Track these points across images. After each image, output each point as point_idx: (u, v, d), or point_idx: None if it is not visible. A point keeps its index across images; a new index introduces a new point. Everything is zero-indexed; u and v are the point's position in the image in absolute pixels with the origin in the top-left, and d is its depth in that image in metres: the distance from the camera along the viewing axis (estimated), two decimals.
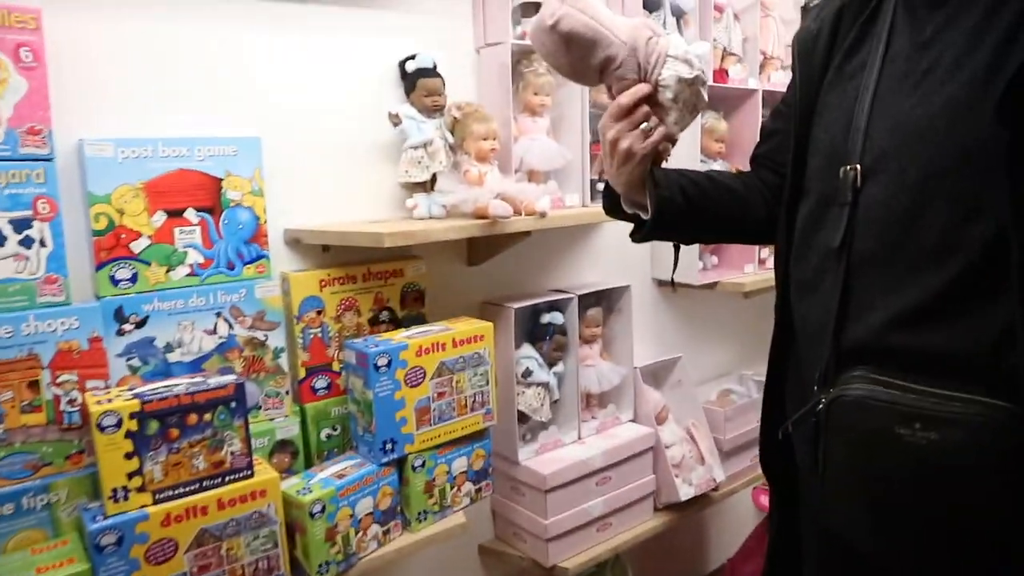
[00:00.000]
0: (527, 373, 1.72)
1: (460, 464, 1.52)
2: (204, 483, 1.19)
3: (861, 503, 0.97)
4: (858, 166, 0.96)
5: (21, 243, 1.16)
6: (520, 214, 1.49)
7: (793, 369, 1.14)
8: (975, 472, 0.87)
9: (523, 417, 1.75)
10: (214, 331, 1.34)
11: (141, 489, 1.14)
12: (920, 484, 0.90)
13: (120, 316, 1.26)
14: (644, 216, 1.15)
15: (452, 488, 1.51)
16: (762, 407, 1.22)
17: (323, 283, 1.47)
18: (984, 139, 0.85)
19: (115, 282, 1.26)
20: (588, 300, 1.85)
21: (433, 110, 1.55)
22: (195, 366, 1.33)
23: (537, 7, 1.70)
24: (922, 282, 0.91)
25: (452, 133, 1.56)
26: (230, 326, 1.36)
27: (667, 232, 1.22)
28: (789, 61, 2.26)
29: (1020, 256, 0.84)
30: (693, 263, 2.04)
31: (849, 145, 0.98)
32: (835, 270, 0.98)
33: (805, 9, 1.18)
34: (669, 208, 1.12)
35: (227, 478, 1.22)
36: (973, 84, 0.88)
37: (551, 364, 1.79)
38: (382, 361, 1.36)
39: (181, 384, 1.19)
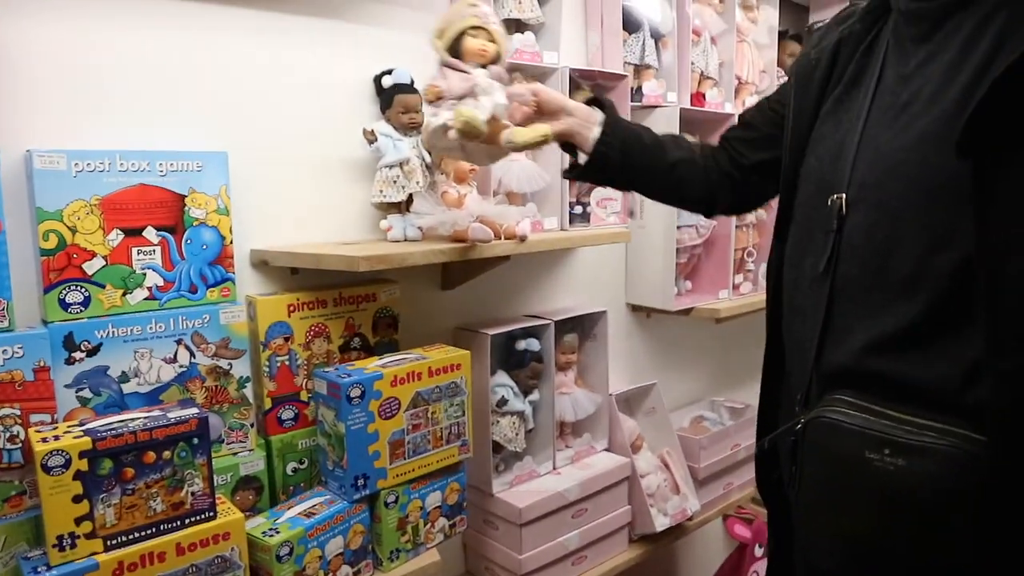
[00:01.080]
0: (502, 402, 1.66)
1: (434, 499, 1.44)
2: (162, 526, 1.09)
3: (829, 526, 0.98)
4: (844, 195, 0.99)
5: None
6: (500, 238, 1.43)
7: (785, 389, 1.16)
8: (939, 502, 0.87)
9: (497, 447, 1.68)
10: (174, 359, 1.25)
11: (91, 535, 1.03)
12: (885, 511, 0.91)
13: (70, 343, 1.15)
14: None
15: (426, 524, 1.43)
16: (757, 426, 1.24)
17: (291, 308, 1.38)
18: (952, 173, 0.87)
19: (65, 306, 1.16)
20: (564, 326, 1.80)
21: (410, 127, 1.48)
22: (152, 397, 1.23)
23: (518, 24, 1.66)
24: (896, 310, 0.93)
25: (430, 152, 1.49)
26: (192, 354, 1.26)
27: (598, 179, 1.33)
28: (763, 86, 2.28)
29: (984, 289, 0.85)
30: (669, 288, 2.00)
31: (837, 175, 1.01)
32: (819, 294, 1.01)
33: (809, 31, 1.18)
34: (602, 161, 1.23)
35: (187, 520, 1.12)
36: (943, 119, 0.90)
37: (526, 392, 1.73)
38: (355, 392, 1.28)
39: (138, 419, 1.09)
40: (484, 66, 1.22)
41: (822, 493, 0.98)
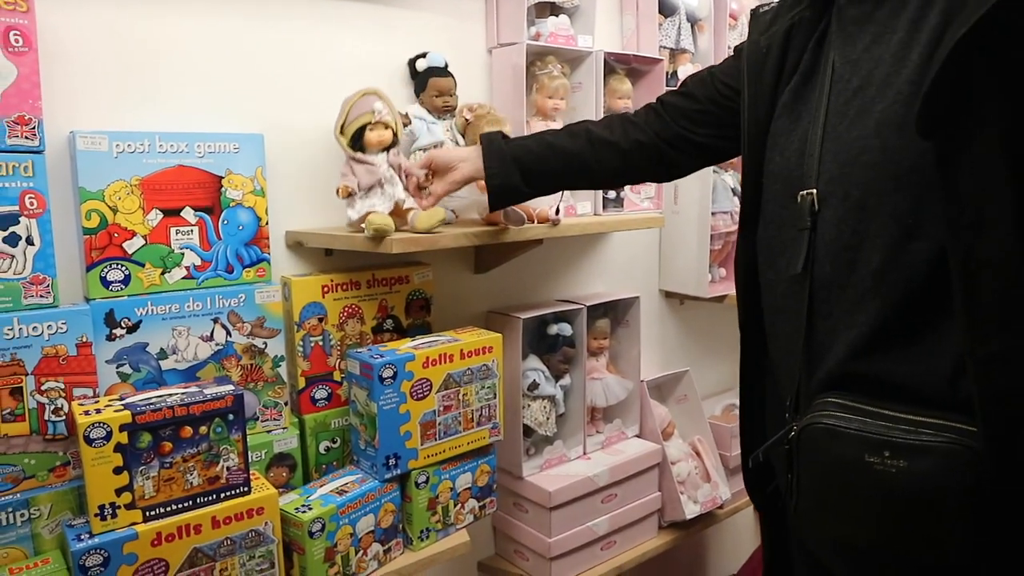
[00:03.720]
0: (533, 386, 1.66)
1: (464, 480, 1.45)
2: (198, 500, 1.12)
3: (833, 531, 0.96)
4: (814, 191, 0.95)
5: (6, 240, 1.08)
6: (533, 221, 1.43)
7: (771, 391, 1.13)
8: (944, 500, 0.85)
9: (527, 431, 1.69)
10: (211, 337, 1.27)
11: (130, 506, 1.06)
12: (889, 514, 0.89)
13: (111, 320, 1.18)
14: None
15: (455, 505, 1.45)
16: (740, 432, 1.21)
17: (325, 289, 1.40)
18: (915, 156, 0.85)
19: (106, 284, 1.19)
20: (596, 311, 1.79)
21: (444, 111, 1.48)
22: (189, 374, 1.26)
23: (552, 7, 1.65)
24: (872, 307, 0.91)
25: (463, 136, 1.50)
26: (228, 332, 1.28)
27: (515, 201, 1.34)
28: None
29: (959, 274, 0.82)
30: (702, 275, 1.99)
31: (804, 170, 0.97)
32: (799, 295, 0.98)
33: (754, 15, 1.13)
34: (501, 189, 1.28)
35: (222, 494, 1.14)
36: (900, 101, 0.87)
37: (557, 376, 1.73)
38: (387, 373, 1.29)
39: (175, 394, 1.12)
40: (386, 149, 1.35)
41: (823, 500, 0.95)
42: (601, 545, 1.75)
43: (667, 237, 2.07)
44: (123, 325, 1.19)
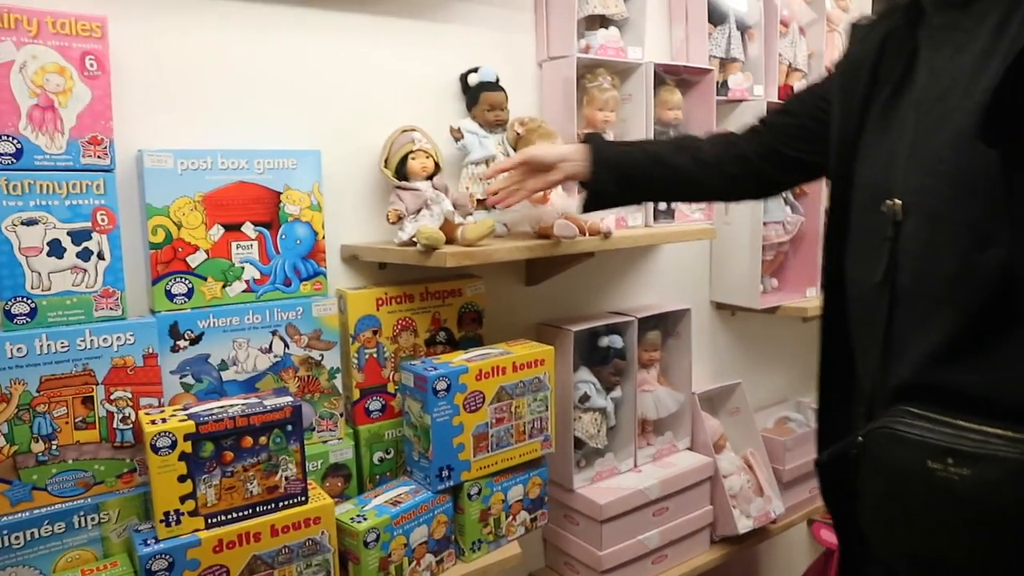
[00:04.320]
0: (584, 398, 1.66)
1: (516, 492, 1.46)
2: (258, 508, 1.15)
3: (896, 537, 0.95)
4: (898, 201, 0.95)
5: (79, 255, 1.13)
6: (585, 234, 1.43)
7: (849, 397, 1.12)
8: (1010, 511, 0.82)
9: (578, 443, 1.69)
10: (269, 349, 1.30)
11: (194, 513, 1.09)
12: (952, 523, 0.87)
13: (175, 332, 1.22)
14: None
15: (507, 517, 1.45)
16: (817, 437, 1.19)
17: (380, 302, 1.42)
18: (987, 166, 0.84)
19: (171, 297, 1.23)
20: (647, 323, 1.78)
21: (495, 125, 1.50)
22: (249, 385, 1.29)
23: (602, 19, 1.66)
24: (946, 316, 0.90)
25: (515, 149, 1.51)
26: (285, 345, 1.31)
27: (607, 207, 1.34)
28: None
29: None
30: (754, 286, 1.97)
31: (890, 180, 0.97)
32: (880, 304, 0.98)
33: (853, 28, 1.12)
34: (601, 193, 1.29)
35: (281, 504, 1.17)
36: (975, 111, 0.85)
37: (608, 389, 1.73)
38: (441, 385, 1.31)
39: (236, 405, 1.15)
40: (429, 177, 1.40)
41: (884, 507, 0.95)
42: (652, 559, 1.74)
43: (718, 248, 2.05)
44: (186, 337, 1.23)
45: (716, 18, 1.90)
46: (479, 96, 1.49)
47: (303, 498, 1.19)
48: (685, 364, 1.87)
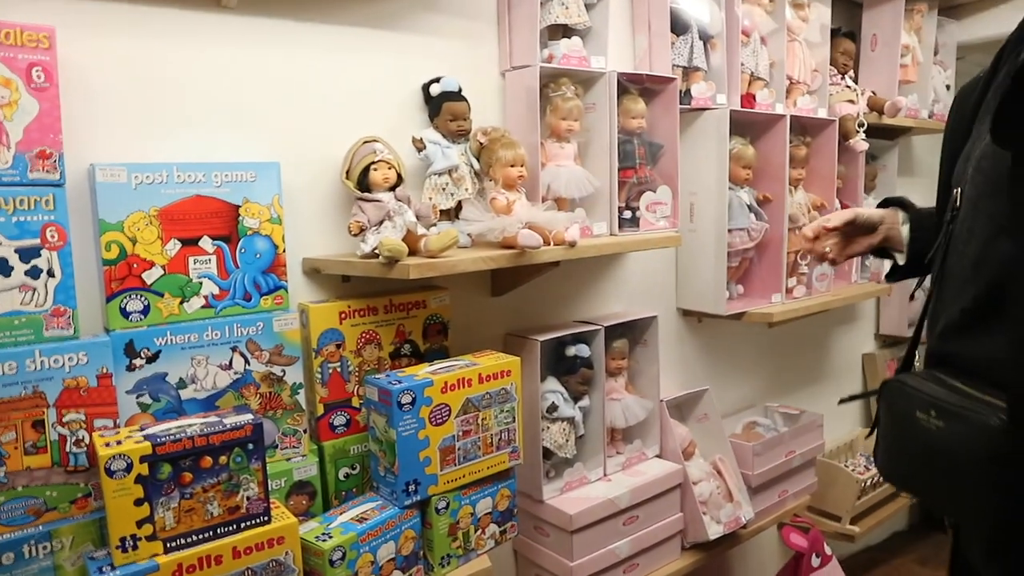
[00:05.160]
0: (552, 408, 1.65)
1: (485, 505, 1.44)
2: (218, 530, 1.12)
3: (895, 471, 1.13)
4: (959, 191, 1.04)
5: (28, 273, 1.09)
6: (549, 244, 1.43)
7: None
8: (970, 462, 0.94)
9: (547, 454, 1.68)
10: (229, 366, 1.27)
11: (151, 537, 1.06)
12: (926, 465, 1.03)
13: (131, 350, 1.19)
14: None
15: (476, 530, 1.43)
16: None
17: (343, 315, 1.40)
18: (1008, 167, 0.92)
19: (126, 314, 1.19)
20: (614, 332, 1.78)
21: (458, 135, 1.49)
22: (209, 403, 1.26)
23: (565, 29, 1.66)
24: (965, 295, 1.00)
25: (478, 159, 1.50)
26: (246, 361, 1.29)
27: (921, 273, 1.34)
28: (815, 86, 2.24)
29: (1014, 276, 0.91)
30: (720, 293, 1.97)
31: (960, 173, 1.07)
32: (934, 281, 1.10)
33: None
34: (919, 255, 1.28)
35: (243, 524, 1.14)
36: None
37: (576, 398, 1.72)
38: (406, 399, 1.29)
39: (195, 424, 1.12)
40: (392, 188, 1.38)
41: (888, 444, 1.11)
42: (624, 568, 1.73)
43: (684, 255, 2.06)
44: (143, 355, 1.19)
45: (679, 28, 1.91)
46: (441, 106, 1.48)
47: (266, 518, 1.16)
48: (653, 372, 1.87)
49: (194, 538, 1.09)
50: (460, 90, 1.50)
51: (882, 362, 2.92)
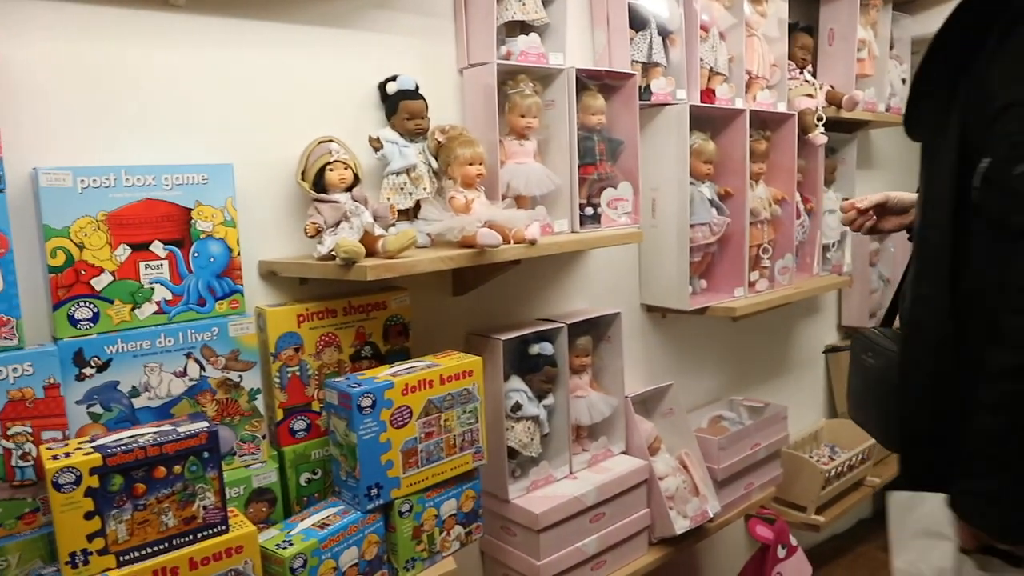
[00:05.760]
0: (516, 407, 1.64)
1: (449, 507, 1.43)
2: (174, 541, 1.09)
3: (850, 405, 1.50)
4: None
5: None
6: (509, 242, 1.42)
7: None
8: (886, 393, 1.27)
9: (512, 453, 1.67)
10: (184, 373, 1.25)
11: (103, 551, 1.03)
12: (864, 396, 1.41)
13: (80, 359, 1.15)
14: None
15: (441, 532, 1.42)
16: None
17: (301, 318, 1.38)
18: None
19: (74, 322, 1.16)
20: (577, 329, 1.78)
21: (415, 134, 1.47)
22: (163, 411, 1.23)
23: (523, 26, 1.65)
24: (914, 263, 1.19)
25: (436, 158, 1.48)
26: (201, 367, 1.26)
27: None
28: (774, 80, 2.25)
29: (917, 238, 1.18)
30: (683, 288, 1.98)
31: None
32: None
33: None
34: None
35: (199, 534, 1.11)
36: None
37: (540, 396, 1.71)
38: (366, 402, 1.27)
39: (148, 434, 1.09)
40: (349, 189, 1.36)
41: (850, 382, 1.46)
42: (591, 565, 1.73)
43: (646, 251, 2.06)
44: (92, 364, 1.16)
45: (637, 24, 1.91)
46: (398, 105, 1.46)
47: (223, 527, 1.14)
48: (617, 368, 1.87)
49: (148, 550, 1.07)
50: (417, 88, 1.49)
51: (844, 352, 2.96)
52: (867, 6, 2.60)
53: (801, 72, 2.43)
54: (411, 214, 1.47)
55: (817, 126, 2.35)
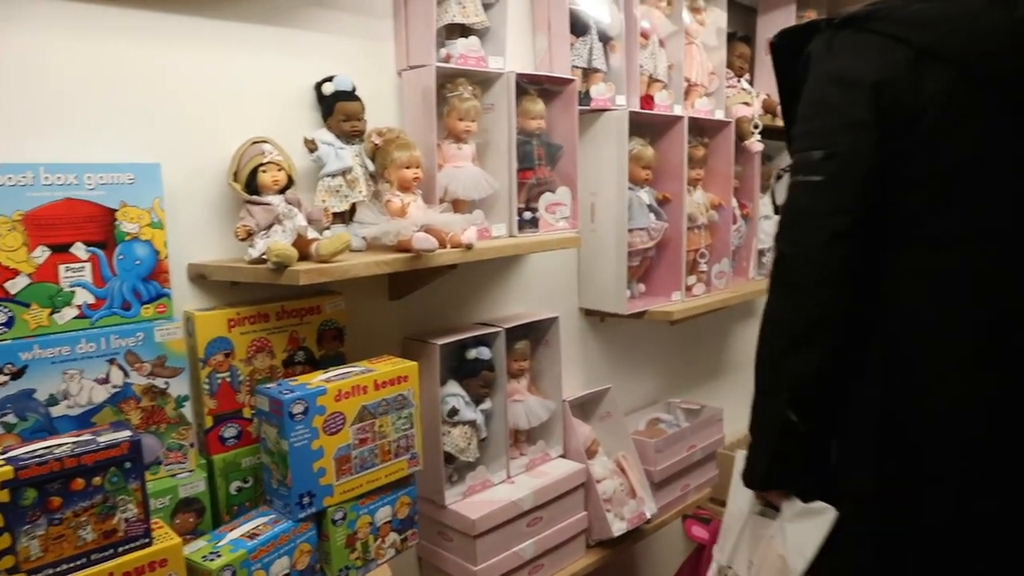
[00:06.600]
0: (453, 412, 1.63)
1: (384, 514, 1.41)
2: (92, 556, 1.05)
3: None
4: None
5: None
6: (446, 246, 1.41)
7: None
8: None
9: (449, 458, 1.66)
10: (107, 380, 1.20)
11: (13, 570, 0.99)
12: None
13: None
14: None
15: (376, 540, 1.40)
16: None
17: (232, 323, 1.34)
18: None
19: None
20: (515, 333, 1.78)
21: (352, 136, 1.45)
22: (84, 420, 1.18)
23: (462, 29, 1.64)
24: None
25: (372, 160, 1.47)
26: (125, 374, 1.22)
27: None
28: (712, 88, 2.29)
29: None
30: (621, 292, 2.00)
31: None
32: None
33: None
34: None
35: (120, 548, 1.07)
36: None
37: (478, 401, 1.71)
38: (298, 408, 1.24)
39: (66, 444, 1.05)
40: (282, 191, 1.34)
41: None
42: (529, 569, 1.73)
43: (585, 255, 2.07)
44: (6, 371, 1.11)
45: (578, 29, 1.92)
46: (334, 106, 1.44)
47: (146, 540, 1.10)
48: (555, 372, 1.87)
49: (64, 567, 1.02)
50: (354, 89, 1.47)
51: None
52: (801, 18, 2.66)
53: (739, 80, 2.48)
54: (347, 217, 1.45)
55: (754, 133, 2.40)
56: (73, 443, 1.06)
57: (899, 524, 1.18)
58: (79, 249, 1.19)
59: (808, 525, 1.23)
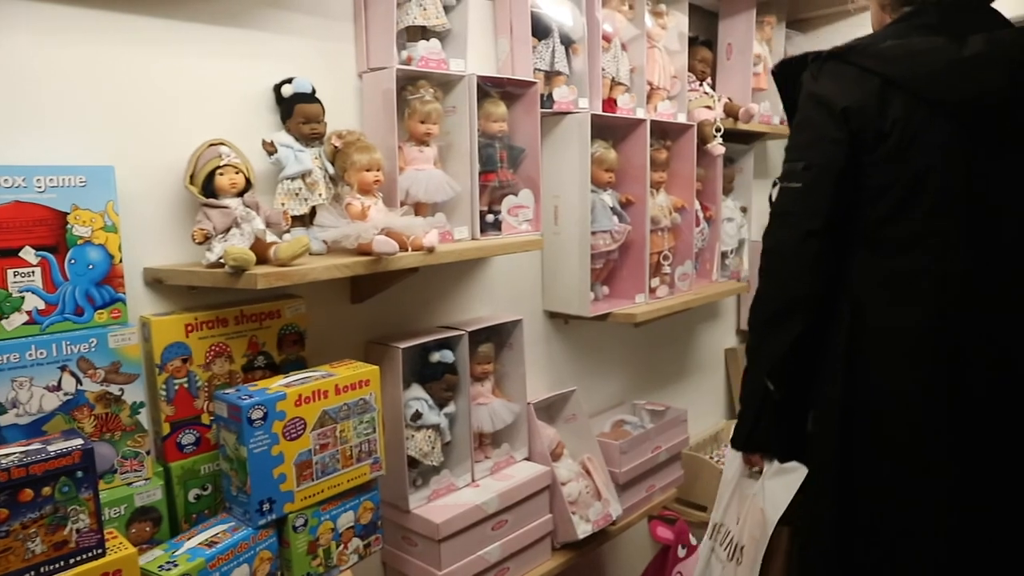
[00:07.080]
0: (416, 416, 1.62)
1: (346, 519, 1.40)
2: (42, 569, 1.02)
3: None
4: None
5: None
6: (407, 250, 1.40)
7: None
8: None
9: (413, 462, 1.65)
10: (58, 387, 1.18)
11: None
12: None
13: None
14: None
15: (338, 546, 1.39)
16: None
17: (189, 328, 1.32)
18: None
19: None
20: (479, 336, 1.77)
21: (311, 138, 1.44)
22: (34, 429, 1.16)
23: (423, 31, 1.63)
24: None
25: (332, 163, 1.45)
26: (78, 381, 1.19)
27: None
28: (674, 92, 2.31)
29: None
30: (585, 294, 2.01)
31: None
32: None
33: None
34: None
35: (72, 560, 1.05)
36: None
37: (441, 404, 1.70)
38: (257, 414, 1.23)
39: (13, 454, 1.02)
40: (240, 194, 1.33)
41: None
42: (495, 573, 1.73)
43: (549, 258, 2.08)
44: None
45: (540, 32, 1.92)
46: (293, 108, 1.43)
47: (99, 551, 1.08)
48: (519, 375, 1.87)
49: None
50: (313, 91, 1.45)
51: (743, 356, 3.06)
52: (763, 23, 2.71)
53: (701, 84, 2.50)
54: (307, 220, 1.43)
55: (715, 136, 2.43)
56: (22, 452, 1.03)
57: (855, 480, 1.37)
58: (28, 253, 1.16)
59: (783, 481, 1.44)
